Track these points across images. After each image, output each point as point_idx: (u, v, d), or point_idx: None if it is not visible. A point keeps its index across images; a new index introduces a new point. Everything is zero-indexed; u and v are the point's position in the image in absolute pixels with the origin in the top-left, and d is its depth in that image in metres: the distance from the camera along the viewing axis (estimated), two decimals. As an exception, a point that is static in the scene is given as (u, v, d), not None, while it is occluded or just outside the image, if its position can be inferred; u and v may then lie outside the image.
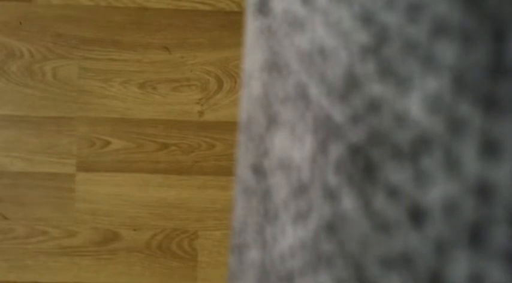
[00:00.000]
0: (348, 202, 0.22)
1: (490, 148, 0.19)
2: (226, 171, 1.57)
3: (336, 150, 0.23)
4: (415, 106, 0.20)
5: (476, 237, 0.19)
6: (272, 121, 0.27)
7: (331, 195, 0.23)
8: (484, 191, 0.19)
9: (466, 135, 0.20)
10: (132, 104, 1.55)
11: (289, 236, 0.25)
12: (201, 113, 1.57)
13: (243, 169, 0.29)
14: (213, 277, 1.56)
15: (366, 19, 0.22)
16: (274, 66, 0.27)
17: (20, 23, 1.55)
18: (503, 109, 0.19)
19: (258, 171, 0.28)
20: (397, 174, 0.21)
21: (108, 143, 1.55)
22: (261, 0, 0.28)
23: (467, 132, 0.20)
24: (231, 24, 1.58)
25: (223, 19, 1.58)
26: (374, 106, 0.22)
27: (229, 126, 1.57)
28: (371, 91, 0.22)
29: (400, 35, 0.21)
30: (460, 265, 0.19)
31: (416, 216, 0.20)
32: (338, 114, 0.23)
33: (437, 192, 0.20)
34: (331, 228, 0.23)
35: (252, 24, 0.29)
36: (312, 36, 0.24)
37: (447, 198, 0.20)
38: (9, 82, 1.54)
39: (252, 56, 0.29)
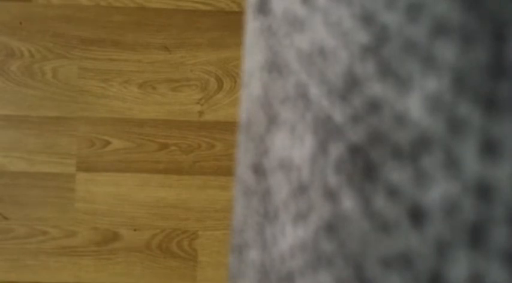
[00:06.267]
0: (348, 203, 0.22)
1: (490, 148, 0.19)
2: (226, 171, 1.57)
3: (336, 150, 0.23)
4: (415, 106, 0.20)
5: (476, 237, 0.19)
6: (272, 121, 0.27)
7: (331, 195, 0.23)
8: (484, 191, 0.19)
9: (466, 135, 0.20)
10: (132, 104, 1.55)
11: (289, 236, 0.25)
12: (201, 113, 1.57)
13: (243, 169, 0.29)
14: (213, 277, 1.56)
15: (366, 19, 0.22)
16: (274, 66, 0.27)
17: (20, 23, 1.55)
18: (503, 109, 0.19)
19: (258, 171, 0.28)
20: (397, 174, 0.21)
21: (108, 143, 1.55)
22: (261, 0, 0.28)
23: (467, 132, 0.20)
24: (231, 24, 1.58)
25: (223, 19, 1.58)
26: (374, 106, 0.22)
27: (229, 126, 1.57)
28: (371, 91, 0.22)
29: (400, 35, 0.21)
30: (460, 265, 0.20)
31: (416, 216, 0.20)
32: (338, 114, 0.23)
33: (437, 192, 0.20)
34: (331, 228, 0.23)
35: (252, 24, 0.29)
36: (312, 36, 0.24)
37: (447, 198, 0.20)
38: (9, 82, 1.54)
39: (252, 56, 0.29)
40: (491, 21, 0.19)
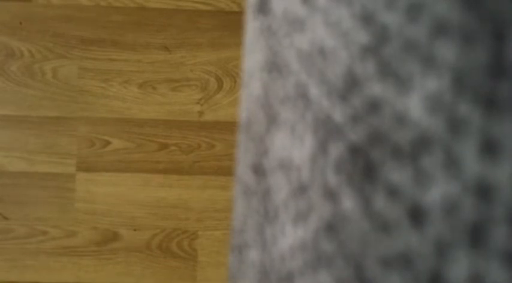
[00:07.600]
0: (348, 203, 0.22)
1: (490, 148, 0.19)
2: (226, 171, 1.57)
3: (336, 150, 0.23)
4: (415, 106, 0.20)
5: (476, 237, 0.19)
6: (272, 121, 0.27)
7: (331, 195, 0.23)
8: (484, 191, 0.19)
9: (466, 135, 0.20)
10: (132, 104, 1.55)
11: (289, 236, 0.25)
12: (201, 113, 1.57)
13: (243, 169, 0.29)
14: (213, 277, 1.56)
15: (366, 19, 0.22)
16: (274, 66, 0.27)
17: (20, 23, 1.55)
18: (503, 109, 0.19)
19: (258, 171, 0.28)
20: (397, 174, 0.21)
21: (108, 143, 1.55)
22: (261, 0, 0.28)
23: (467, 132, 0.20)
24: (231, 24, 1.58)
25: (223, 19, 1.58)
26: (374, 106, 0.22)
27: (229, 126, 1.57)
28: (371, 91, 0.22)
29: (400, 35, 0.21)
30: (460, 265, 0.20)
31: (416, 216, 0.20)
32: (338, 114, 0.23)
33: (437, 192, 0.20)
34: (331, 228, 0.23)
35: (252, 24, 0.29)
36: (312, 36, 0.24)
37: (447, 198, 0.20)
38: (9, 82, 1.54)
39: (252, 56, 0.29)
40: (491, 21, 0.19)
